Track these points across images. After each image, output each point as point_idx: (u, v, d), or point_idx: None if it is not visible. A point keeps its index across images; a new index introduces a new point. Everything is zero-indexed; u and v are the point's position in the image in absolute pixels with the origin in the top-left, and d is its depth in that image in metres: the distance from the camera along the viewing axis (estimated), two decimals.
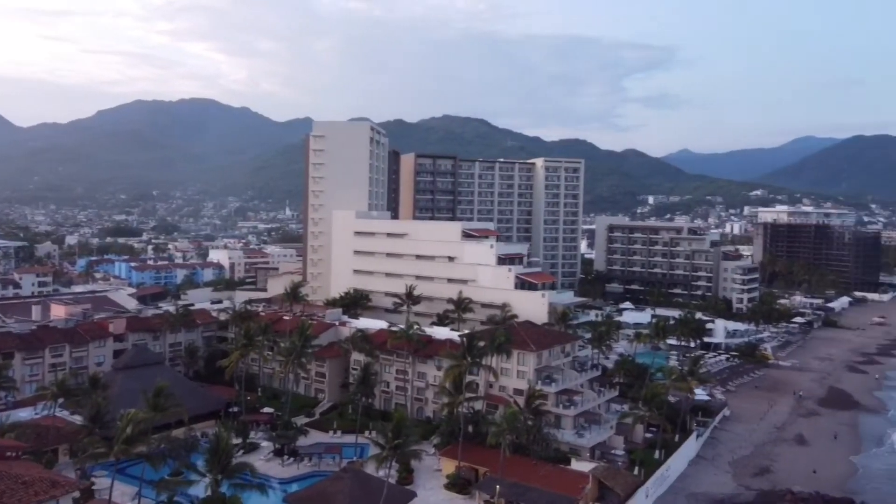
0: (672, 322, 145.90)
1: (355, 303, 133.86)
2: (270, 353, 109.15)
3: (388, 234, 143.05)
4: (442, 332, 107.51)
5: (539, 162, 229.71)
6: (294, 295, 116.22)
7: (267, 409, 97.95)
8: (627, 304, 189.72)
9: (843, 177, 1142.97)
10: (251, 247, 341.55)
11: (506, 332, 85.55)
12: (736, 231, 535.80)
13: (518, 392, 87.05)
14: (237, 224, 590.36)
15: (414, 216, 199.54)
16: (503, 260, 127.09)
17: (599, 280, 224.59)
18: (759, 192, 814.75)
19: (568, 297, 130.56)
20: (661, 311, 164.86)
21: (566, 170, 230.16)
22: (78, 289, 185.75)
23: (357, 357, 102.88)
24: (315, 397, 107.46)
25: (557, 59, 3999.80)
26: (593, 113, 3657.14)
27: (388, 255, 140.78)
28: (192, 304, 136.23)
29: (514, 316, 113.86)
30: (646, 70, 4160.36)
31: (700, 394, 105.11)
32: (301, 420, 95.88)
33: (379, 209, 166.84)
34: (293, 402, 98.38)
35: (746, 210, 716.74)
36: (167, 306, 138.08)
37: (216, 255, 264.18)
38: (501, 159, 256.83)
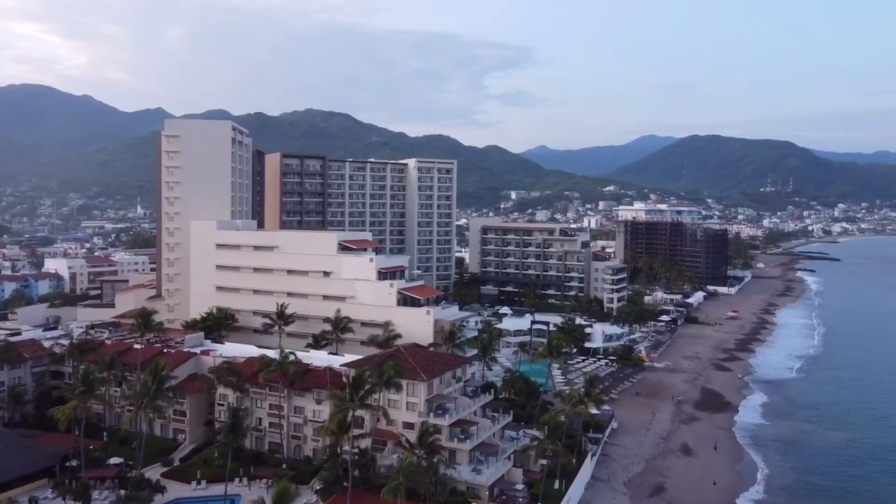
0: (554, 328, 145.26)
1: (219, 324, 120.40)
2: (118, 389, 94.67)
3: (256, 247, 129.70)
4: (320, 357, 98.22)
5: (411, 162, 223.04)
6: (146, 324, 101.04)
7: (115, 461, 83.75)
8: (506, 310, 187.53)
9: (683, 173, 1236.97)
10: (96, 253, 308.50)
11: (395, 365, 77.43)
12: (593, 225, 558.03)
13: (408, 426, 79.74)
14: (80, 224, 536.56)
15: (281, 220, 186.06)
16: (384, 274, 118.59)
17: (475, 282, 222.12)
18: (611, 188, 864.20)
19: (453, 312, 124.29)
20: (540, 317, 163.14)
21: (439, 170, 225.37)
22: None
23: (223, 391, 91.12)
24: (174, 439, 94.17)
25: (419, 54, 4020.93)
26: (455, 109, 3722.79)
27: (256, 270, 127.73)
28: (19, 332, 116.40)
29: (398, 336, 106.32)
30: (504, 69, 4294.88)
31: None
32: (157, 471, 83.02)
33: (244, 216, 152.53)
34: (148, 446, 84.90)
35: (602, 205, 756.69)
36: None
37: (53, 264, 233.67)
38: (372, 159, 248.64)
